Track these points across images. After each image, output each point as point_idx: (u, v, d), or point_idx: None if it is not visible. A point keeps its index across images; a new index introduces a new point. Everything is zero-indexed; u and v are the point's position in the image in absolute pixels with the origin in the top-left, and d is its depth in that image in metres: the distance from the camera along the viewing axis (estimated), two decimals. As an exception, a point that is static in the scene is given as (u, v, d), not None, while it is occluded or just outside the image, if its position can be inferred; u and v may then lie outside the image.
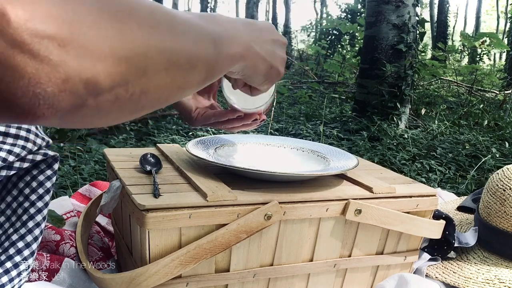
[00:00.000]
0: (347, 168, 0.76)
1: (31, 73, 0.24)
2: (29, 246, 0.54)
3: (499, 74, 8.42)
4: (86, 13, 0.27)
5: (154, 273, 0.60)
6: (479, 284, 0.82)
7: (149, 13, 0.32)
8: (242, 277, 0.68)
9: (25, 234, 0.54)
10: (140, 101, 0.33)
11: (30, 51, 0.24)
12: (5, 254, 0.53)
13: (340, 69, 5.72)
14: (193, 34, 0.38)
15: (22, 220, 0.55)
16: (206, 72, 0.40)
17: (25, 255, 0.54)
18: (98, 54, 0.27)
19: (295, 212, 0.67)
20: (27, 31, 0.24)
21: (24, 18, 0.24)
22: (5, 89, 0.24)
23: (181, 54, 0.36)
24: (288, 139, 0.93)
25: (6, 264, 0.53)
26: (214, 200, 0.62)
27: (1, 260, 0.52)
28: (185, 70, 0.37)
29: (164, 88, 0.35)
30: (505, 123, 3.32)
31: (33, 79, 0.24)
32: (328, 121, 3.54)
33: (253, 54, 0.49)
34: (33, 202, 0.56)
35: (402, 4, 3.25)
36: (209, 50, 0.40)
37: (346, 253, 0.75)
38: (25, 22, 0.24)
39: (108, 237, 0.92)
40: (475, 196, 1.13)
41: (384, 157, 2.36)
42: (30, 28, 0.24)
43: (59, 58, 0.25)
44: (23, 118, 0.26)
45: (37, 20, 0.24)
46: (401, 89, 3.24)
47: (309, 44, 15.95)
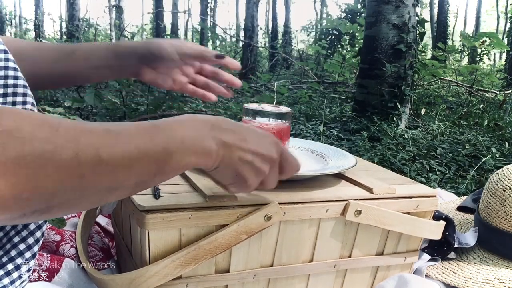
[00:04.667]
0: (347, 167, 0.76)
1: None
2: (30, 248, 0.54)
3: (499, 74, 8.43)
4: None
5: (154, 274, 0.60)
6: (479, 284, 0.82)
7: (72, 155, 0.36)
8: (242, 277, 0.68)
9: (27, 236, 0.54)
10: (41, 218, 0.39)
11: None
12: (7, 256, 0.53)
13: (340, 69, 5.72)
14: (126, 162, 0.40)
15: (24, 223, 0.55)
16: (134, 190, 0.43)
17: (26, 257, 0.54)
18: (4, 207, 0.33)
19: (295, 213, 0.67)
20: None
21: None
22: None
23: (100, 185, 0.39)
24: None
25: (8, 266, 0.52)
26: (214, 201, 0.62)
27: (3, 262, 0.52)
28: (104, 194, 0.40)
29: (71, 211, 0.40)
30: (505, 123, 3.32)
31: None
32: (328, 121, 3.54)
33: (218, 162, 0.49)
34: None
35: (402, 4, 3.25)
36: (145, 171, 0.42)
37: (346, 254, 0.75)
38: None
39: (108, 237, 0.92)
40: (475, 196, 1.13)
41: (384, 157, 2.36)
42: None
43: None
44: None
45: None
46: (401, 89, 3.24)
47: (309, 44, 15.96)
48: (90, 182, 0.37)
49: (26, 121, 0.34)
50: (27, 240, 0.54)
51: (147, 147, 0.41)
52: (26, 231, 0.54)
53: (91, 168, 0.37)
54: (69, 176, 0.36)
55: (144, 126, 0.43)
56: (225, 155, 0.49)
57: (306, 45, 18.14)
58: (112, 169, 0.38)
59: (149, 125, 0.44)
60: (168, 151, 0.43)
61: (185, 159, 0.45)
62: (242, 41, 8.94)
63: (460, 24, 25.35)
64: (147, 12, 25.89)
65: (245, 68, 7.51)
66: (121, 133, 0.40)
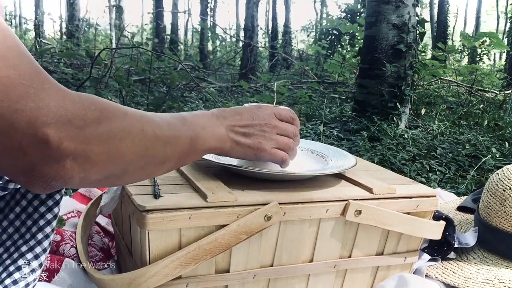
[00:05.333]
0: (347, 167, 0.76)
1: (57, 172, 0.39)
2: (37, 257, 0.54)
3: (499, 74, 8.42)
4: (96, 143, 0.41)
5: (154, 274, 0.60)
6: (479, 284, 0.82)
7: (140, 131, 0.46)
8: (242, 277, 0.68)
9: (35, 245, 0.55)
10: (117, 183, 0.52)
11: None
12: (14, 265, 0.53)
13: (340, 69, 5.71)
14: (172, 140, 0.51)
15: (32, 232, 0.55)
16: (176, 164, 0.55)
17: (33, 266, 0.54)
18: (96, 170, 0.42)
19: (295, 213, 0.67)
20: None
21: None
22: (39, 171, 0.39)
23: (157, 157, 0.49)
24: None
25: (15, 275, 0.53)
26: (214, 201, 0.62)
27: (10, 271, 0.52)
28: (159, 165, 0.51)
29: (137, 178, 0.50)
30: (505, 123, 3.32)
31: (54, 176, 0.39)
32: (328, 121, 3.54)
33: (230, 142, 0.61)
34: (43, 214, 0.56)
35: (402, 4, 3.24)
36: (184, 149, 0.53)
37: (346, 254, 0.75)
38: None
39: (108, 237, 0.92)
40: (475, 196, 1.13)
41: (384, 157, 2.36)
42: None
43: (71, 168, 0.40)
44: (33, 185, 0.40)
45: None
46: (401, 89, 3.24)
47: (309, 44, 15.95)
48: (151, 153, 0.48)
49: (107, 103, 0.44)
50: (35, 250, 0.55)
51: (182, 129, 0.53)
52: (34, 240, 0.55)
53: (152, 142, 0.47)
54: (139, 147, 0.46)
55: (174, 115, 0.54)
56: (233, 137, 0.61)
57: (306, 45, 18.13)
58: (163, 144, 0.49)
59: (178, 115, 0.55)
60: (196, 134, 0.55)
61: (208, 142, 0.57)
62: (242, 41, 8.94)
63: (460, 24, 25.34)
64: (147, 12, 25.92)
65: (245, 68, 7.51)
66: (163, 118, 0.51)
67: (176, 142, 0.51)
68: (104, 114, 0.42)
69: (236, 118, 0.62)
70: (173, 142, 0.51)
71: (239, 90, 5.51)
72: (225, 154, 0.62)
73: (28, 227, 0.56)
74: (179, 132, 0.52)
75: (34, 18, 14.08)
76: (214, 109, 0.63)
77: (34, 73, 0.38)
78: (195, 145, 0.55)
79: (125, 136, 0.44)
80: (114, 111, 0.44)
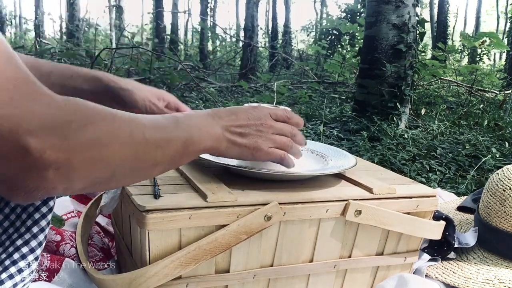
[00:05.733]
0: (347, 167, 0.76)
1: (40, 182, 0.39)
2: (33, 251, 0.54)
3: (499, 74, 8.42)
4: (81, 151, 0.40)
5: (154, 274, 0.60)
6: (479, 284, 0.82)
7: (128, 134, 0.45)
8: (242, 277, 0.68)
9: (30, 239, 0.54)
10: (105, 188, 0.53)
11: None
12: (10, 259, 0.53)
13: (340, 69, 5.71)
14: (163, 143, 0.50)
15: (27, 226, 0.55)
16: (169, 166, 0.55)
17: (29, 260, 0.54)
18: (81, 178, 0.41)
19: (295, 213, 0.67)
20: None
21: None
22: (21, 182, 0.38)
23: (148, 160, 0.49)
24: None
25: (11, 269, 0.52)
26: (214, 201, 0.62)
27: (6, 266, 0.52)
28: (149, 169, 0.50)
29: (127, 182, 0.51)
30: (505, 123, 3.32)
31: (37, 186, 0.39)
32: (328, 121, 3.54)
33: (226, 142, 0.60)
34: (38, 207, 0.56)
35: (402, 4, 3.25)
36: (176, 151, 0.53)
37: (346, 254, 0.75)
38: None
39: (108, 237, 0.92)
40: (475, 196, 1.13)
41: (384, 157, 2.36)
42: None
43: (54, 178, 0.39)
44: (15, 194, 0.40)
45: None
46: (401, 89, 3.24)
47: (309, 44, 15.95)
48: (141, 157, 0.47)
49: (95, 107, 0.43)
50: (30, 243, 0.54)
51: (174, 131, 0.52)
52: (29, 234, 0.54)
53: (141, 145, 0.47)
54: (128, 151, 0.45)
55: (167, 117, 0.54)
56: (229, 137, 0.60)
57: (306, 45, 18.14)
58: (154, 147, 0.49)
59: (171, 117, 0.54)
60: (191, 134, 0.54)
61: (203, 142, 0.56)
62: (242, 41, 8.93)
63: (460, 24, 25.34)
64: (147, 12, 25.91)
65: (245, 68, 7.51)
66: (154, 121, 0.50)
67: (167, 145, 0.51)
68: (91, 120, 0.41)
69: (232, 118, 0.61)
70: (163, 145, 0.50)
71: (239, 90, 5.51)
72: (221, 154, 0.61)
73: (23, 220, 0.56)
74: (171, 134, 0.52)
75: (34, 18, 14.09)
76: (209, 109, 0.62)
77: (20, 79, 0.37)
78: (189, 146, 0.54)
79: (112, 141, 0.43)
80: (102, 115, 0.43)
